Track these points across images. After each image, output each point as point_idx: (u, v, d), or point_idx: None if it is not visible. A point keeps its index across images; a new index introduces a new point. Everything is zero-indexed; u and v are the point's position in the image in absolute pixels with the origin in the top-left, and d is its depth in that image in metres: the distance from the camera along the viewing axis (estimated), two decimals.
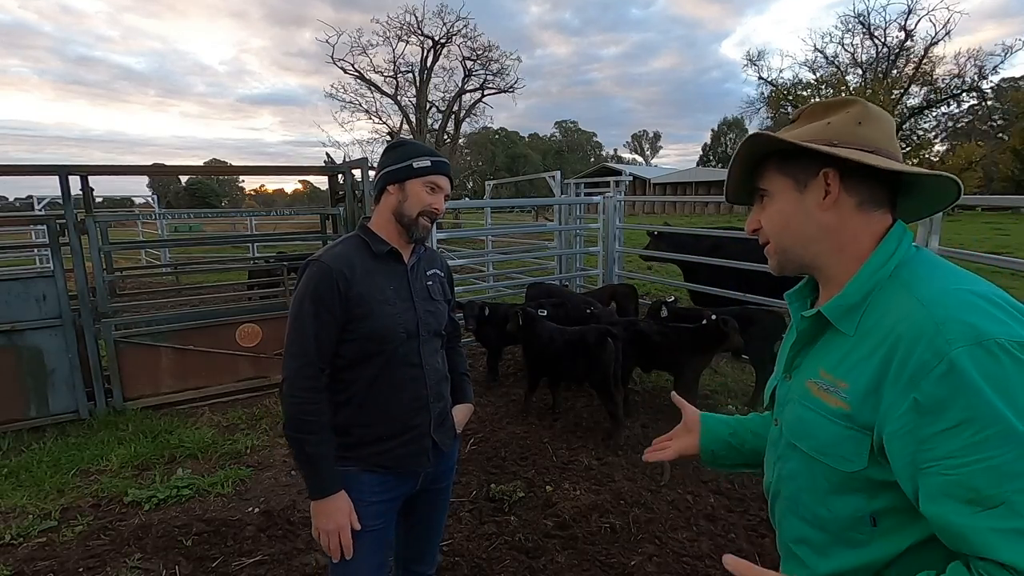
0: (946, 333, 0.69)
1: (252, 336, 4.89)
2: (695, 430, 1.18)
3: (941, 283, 0.77)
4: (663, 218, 27.51)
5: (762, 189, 0.93)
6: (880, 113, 0.87)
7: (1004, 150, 34.96)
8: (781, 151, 0.89)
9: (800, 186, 0.87)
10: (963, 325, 0.69)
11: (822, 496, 0.85)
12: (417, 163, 1.51)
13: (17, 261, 12.15)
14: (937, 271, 0.80)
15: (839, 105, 0.88)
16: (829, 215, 0.86)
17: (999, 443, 0.64)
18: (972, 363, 0.67)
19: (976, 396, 0.66)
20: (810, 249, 0.89)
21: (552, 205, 8.97)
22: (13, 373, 4.08)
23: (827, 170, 0.84)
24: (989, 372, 0.66)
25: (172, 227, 18.08)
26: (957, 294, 0.74)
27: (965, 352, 0.67)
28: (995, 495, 0.64)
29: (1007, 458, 0.64)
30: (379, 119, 29.12)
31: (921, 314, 0.73)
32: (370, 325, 1.47)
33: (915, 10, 27.01)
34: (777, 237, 0.92)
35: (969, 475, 0.66)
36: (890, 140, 0.86)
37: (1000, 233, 16.96)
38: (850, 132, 0.85)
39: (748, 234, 0.98)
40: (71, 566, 2.63)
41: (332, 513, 1.44)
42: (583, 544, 2.71)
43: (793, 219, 0.89)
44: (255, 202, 73.95)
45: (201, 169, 30.60)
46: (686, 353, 4.09)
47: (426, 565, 1.83)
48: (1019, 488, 0.63)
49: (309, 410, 1.43)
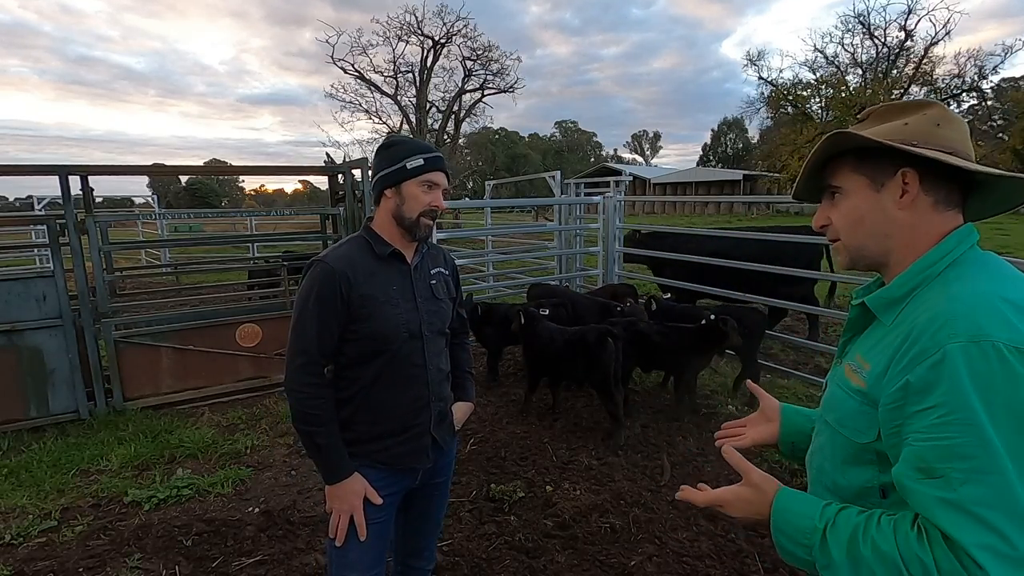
0: (951, 327, 0.75)
1: (252, 336, 4.89)
2: (775, 419, 1.19)
3: (976, 284, 0.80)
4: (663, 218, 27.53)
5: (834, 186, 0.95)
6: (957, 116, 0.89)
7: (1004, 150, 34.92)
8: (857, 149, 0.90)
9: (876, 185, 0.89)
10: (969, 323, 0.74)
11: (840, 465, 0.91)
12: (410, 163, 1.51)
13: (17, 261, 12.16)
14: (984, 273, 0.82)
15: (915, 107, 0.90)
16: (905, 213, 0.88)
17: (959, 429, 0.72)
18: (963, 357, 0.72)
19: (955, 386, 0.73)
20: (882, 245, 0.91)
21: (552, 205, 8.96)
22: (13, 373, 4.08)
23: (906, 169, 0.86)
24: (976, 368, 0.72)
25: (172, 227, 18.07)
26: (984, 295, 0.77)
27: (960, 347, 0.73)
28: (938, 469, 0.73)
29: (959, 442, 0.72)
30: (379, 119, 29.19)
31: (941, 308, 0.78)
32: (372, 325, 1.49)
33: (915, 10, 27.06)
34: (850, 233, 0.94)
35: (926, 449, 0.75)
36: (966, 142, 0.88)
37: (1000, 233, 16.95)
38: (929, 133, 0.86)
39: (816, 229, 1.01)
40: (71, 566, 2.63)
41: (345, 495, 1.50)
42: (583, 544, 2.71)
43: (868, 216, 0.91)
44: (255, 202, 73.89)
45: (201, 169, 30.64)
46: (687, 353, 4.09)
47: (424, 561, 1.84)
48: (959, 468, 0.72)
49: (313, 404, 1.47)
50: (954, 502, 0.71)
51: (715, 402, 4.49)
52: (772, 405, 1.21)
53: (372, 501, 1.52)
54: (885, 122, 0.90)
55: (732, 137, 76.19)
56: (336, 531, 1.51)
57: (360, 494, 1.51)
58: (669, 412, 4.24)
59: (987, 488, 0.70)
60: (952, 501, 0.72)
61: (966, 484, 0.71)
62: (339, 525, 1.50)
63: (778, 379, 4.89)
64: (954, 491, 0.71)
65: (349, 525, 1.51)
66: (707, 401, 4.50)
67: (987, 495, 0.70)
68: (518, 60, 29.69)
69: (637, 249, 6.58)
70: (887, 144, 0.85)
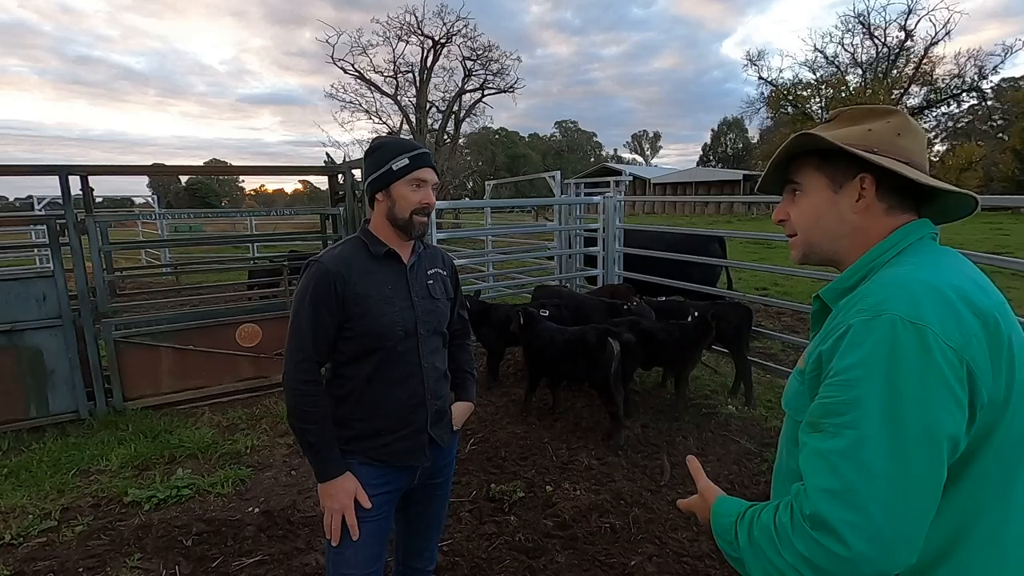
0: (862, 304, 0.80)
1: (252, 336, 4.89)
2: None
3: (909, 270, 0.83)
4: (663, 218, 27.52)
5: (796, 183, 0.98)
6: (917, 127, 0.93)
7: (1004, 150, 34.96)
8: (820, 150, 0.93)
9: (835, 186, 0.93)
10: (879, 300, 0.78)
11: (791, 448, 0.93)
12: (396, 164, 1.52)
13: (17, 261, 12.15)
14: (925, 260, 0.85)
15: (880, 113, 0.93)
16: (858, 217, 0.91)
17: (840, 389, 0.77)
18: (864, 328, 0.77)
19: (848, 351, 0.77)
20: (835, 244, 0.95)
21: (552, 205, 8.96)
22: (13, 373, 4.08)
23: (864, 175, 0.89)
24: (870, 337, 0.76)
25: (172, 227, 18.08)
26: (908, 280, 0.80)
27: (862, 320, 0.78)
28: (820, 424, 0.79)
29: (838, 400, 0.77)
30: (379, 119, 29.10)
31: (867, 291, 0.82)
32: (367, 323, 1.51)
33: (915, 10, 27.05)
34: (805, 231, 0.98)
35: (816, 406, 0.81)
36: (922, 153, 0.92)
37: (1000, 233, 16.95)
38: (890, 142, 0.90)
39: (775, 223, 1.04)
40: (71, 566, 2.63)
41: (336, 494, 1.51)
42: (583, 544, 2.71)
43: (824, 216, 0.94)
44: (255, 202, 73.88)
45: (201, 169, 30.65)
46: (686, 348, 4.14)
47: (425, 561, 1.84)
48: (832, 423, 0.76)
49: (308, 402, 1.49)
50: (819, 451, 0.76)
51: (715, 402, 4.49)
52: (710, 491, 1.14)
53: (362, 504, 1.52)
54: (851, 125, 0.93)
55: (732, 137, 76.18)
56: (330, 530, 1.52)
57: (351, 493, 1.52)
58: (669, 412, 4.24)
59: (848, 441, 0.74)
60: (819, 450, 0.77)
61: (834, 437, 0.75)
62: (332, 524, 1.51)
63: (778, 379, 4.89)
64: (824, 442, 0.77)
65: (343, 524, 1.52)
66: (707, 401, 4.50)
67: (846, 447, 0.74)
68: (518, 60, 29.61)
69: (636, 249, 6.60)
70: (848, 150, 0.88)
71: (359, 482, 1.54)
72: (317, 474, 1.52)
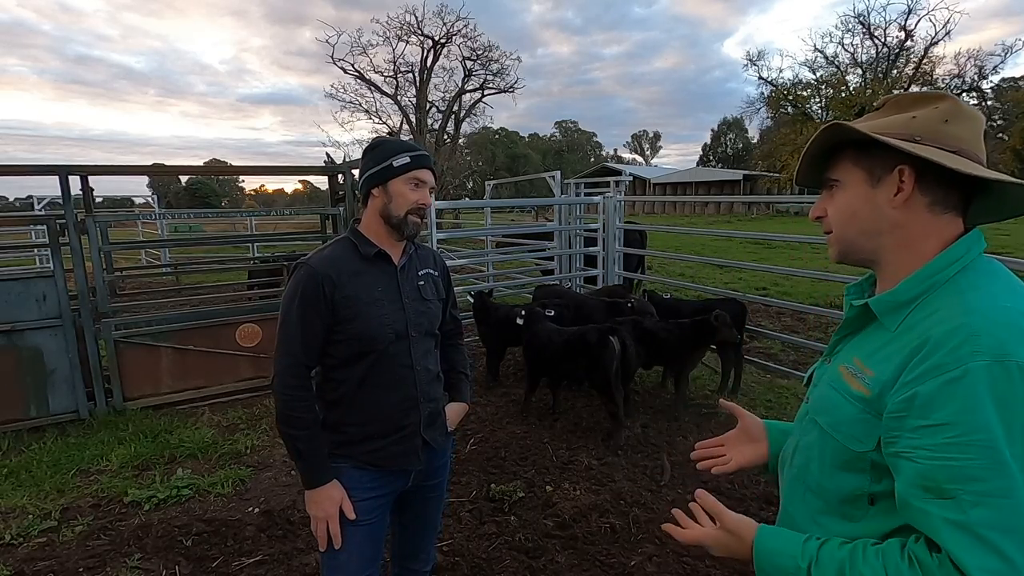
0: (973, 344, 0.71)
1: (252, 336, 4.89)
2: (761, 440, 1.14)
3: (993, 297, 0.77)
4: (663, 218, 27.53)
5: (833, 179, 0.92)
6: (971, 112, 0.84)
7: (1004, 150, 34.95)
8: (858, 141, 0.87)
9: (873, 180, 0.86)
10: (994, 340, 0.71)
11: (829, 469, 0.88)
12: (396, 161, 1.51)
13: (17, 261, 12.14)
14: (997, 283, 0.80)
15: (929, 99, 0.86)
16: (898, 212, 0.84)
17: (974, 450, 0.69)
18: (987, 376, 0.69)
19: (973, 405, 0.70)
20: (873, 242, 0.88)
21: (552, 205, 8.96)
22: (13, 373, 4.08)
23: (903, 167, 0.82)
24: (999, 389, 0.69)
25: (172, 227, 18.06)
26: (1004, 311, 0.74)
27: (984, 366, 0.70)
28: (948, 490, 0.70)
29: (973, 464, 0.69)
30: (379, 119, 29.13)
31: (960, 320, 0.75)
32: (357, 326, 1.49)
33: (915, 10, 27.05)
34: (841, 228, 0.91)
35: (935, 468, 0.72)
36: (976, 140, 0.84)
37: (1000, 233, 16.95)
38: (935, 129, 0.82)
39: (812, 220, 0.98)
40: (71, 566, 2.63)
41: (321, 502, 1.49)
42: (583, 544, 2.71)
43: (861, 212, 0.88)
44: (255, 202, 73.87)
45: (201, 169, 30.63)
46: (687, 347, 4.15)
47: (421, 562, 1.84)
48: (971, 490, 0.69)
49: (297, 407, 1.48)
50: (963, 524, 0.69)
51: (715, 402, 4.49)
52: (755, 424, 1.16)
53: (347, 515, 1.50)
54: (897, 113, 0.87)
55: (732, 137, 76.19)
56: (318, 538, 1.51)
57: (337, 502, 1.49)
58: (669, 412, 4.24)
59: (999, 512, 0.68)
60: (961, 523, 0.69)
61: (977, 507, 0.68)
62: (318, 532, 1.50)
63: (778, 379, 4.89)
64: (964, 513, 0.69)
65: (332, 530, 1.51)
66: (707, 401, 4.50)
67: (998, 519, 0.68)
68: (518, 60, 29.65)
69: (636, 249, 6.63)
70: (879, 139, 0.82)
71: (349, 487, 1.53)
72: (304, 480, 1.51)
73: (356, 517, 1.52)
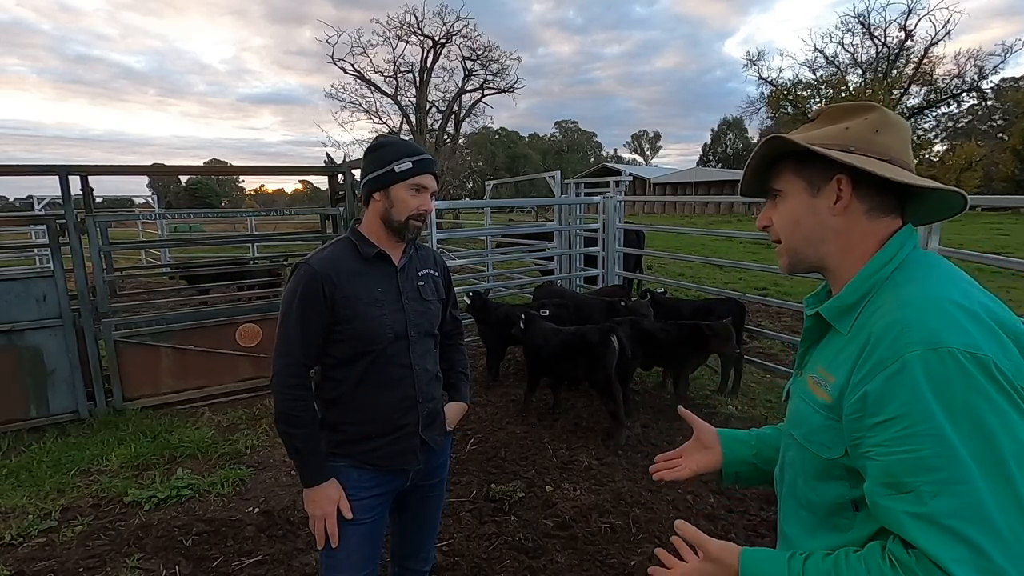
0: (907, 336, 0.74)
1: (252, 336, 4.89)
2: (715, 448, 1.17)
3: (926, 288, 0.80)
4: (663, 218, 27.53)
5: (775, 189, 0.95)
6: (898, 121, 0.89)
7: (1004, 150, 34.98)
8: (799, 152, 0.90)
9: (813, 189, 0.90)
10: (925, 330, 0.73)
11: (811, 481, 0.90)
12: (399, 166, 1.50)
13: (17, 261, 12.14)
14: (932, 275, 0.82)
15: (859, 110, 0.90)
16: (839, 219, 0.88)
17: (924, 440, 0.70)
18: (922, 366, 0.72)
19: (915, 396, 0.72)
20: (818, 250, 0.92)
21: (552, 205, 8.96)
22: (13, 373, 4.08)
23: (840, 176, 0.86)
24: (934, 376, 0.71)
25: (172, 227, 18.07)
26: (935, 301, 0.77)
27: (918, 355, 0.72)
28: (908, 483, 0.71)
29: (925, 454, 0.70)
30: (379, 119, 29.11)
31: (895, 315, 0.78)
32: (356, 327, 1.50)
33: (915, 10, 27.03)
34: (787, 237, 0.95)
35: (892, 463, 0.73)
36: (904, 148, 0.88)
37: (1000, 233, 16.97)
38: (867, 139, 0.86)
39: (758, 229, 1.01)
40: (71, 566, 2.63)
41: (319, 500, 1.50)
42: (583, 544, 2.71)
43: (804, 220, 0.91)
44: (255, 202, 73.89)
45: (201, 169, 30.60)
46: (686, 348, 4.15)
47: (420, 562, 1.84)
48: (928, 481, 0.70)
49: (295, 406, 1.49)
50: (926, 516, 0.69)
51: (715, 402, 4.49)
52: (708, 432, 1.19)
53: (343, 514, 1.51)
54: (831, 124, 0.91)
55: (732, 137, 76.17)
56: (316, 536, 1.52)
57: (334, 501, 1.51)
58: (669, 412, 4.24)
59: (958, 499, 0.68)
60: (924, 515, 0.69)
61: (937, 496, 0.69)
62: (316, 530, 1.51)
63: (778, 379, 4.89)
64: (925, 505, 0.69)
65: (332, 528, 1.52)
66: (707, 401, 4.50)
67: (958, 506, 0.68)
68: (518, 60, 29.63)
69: (635, 249, 6.63)
70: (816, 150, 0.85)
71: (348, 486, 1.53)
72: (302, 479, 1.52)
73: (354, 516, 1.52)
